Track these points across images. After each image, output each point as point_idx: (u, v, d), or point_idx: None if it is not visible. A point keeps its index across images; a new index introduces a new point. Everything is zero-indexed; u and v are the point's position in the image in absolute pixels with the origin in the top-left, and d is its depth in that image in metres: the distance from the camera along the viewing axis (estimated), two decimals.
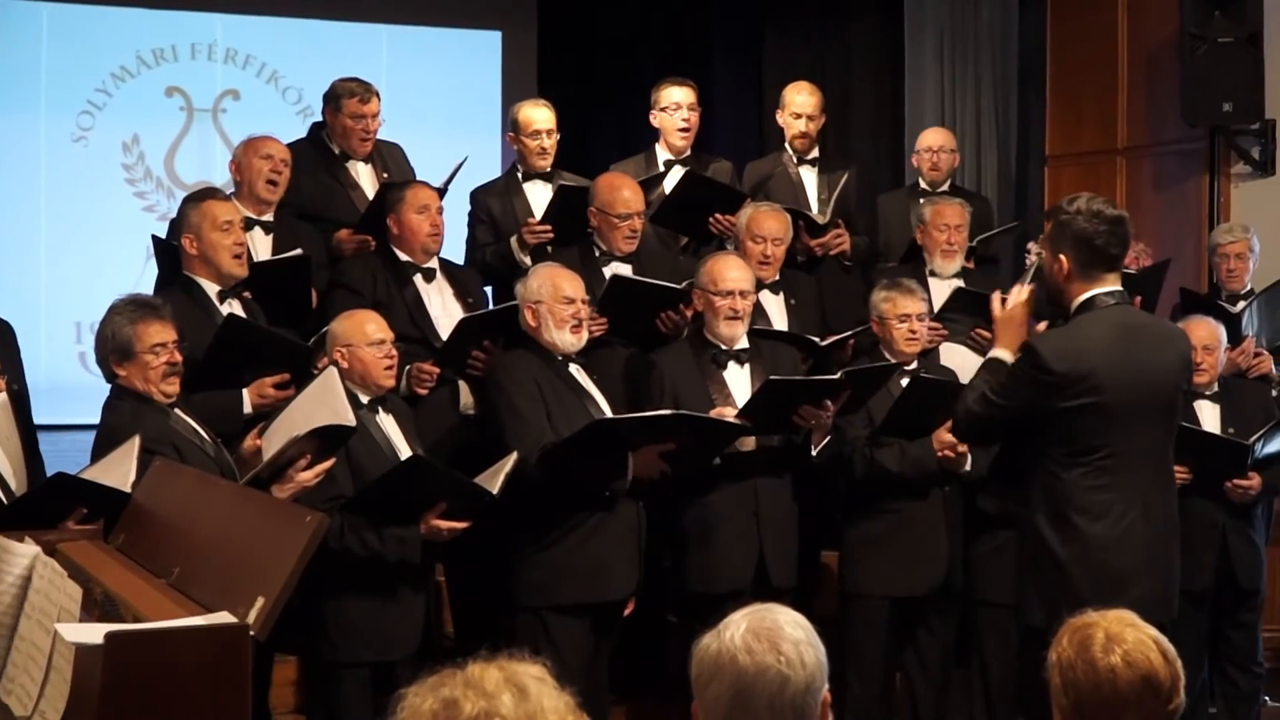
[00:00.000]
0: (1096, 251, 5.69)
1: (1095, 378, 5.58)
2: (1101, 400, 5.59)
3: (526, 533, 6.62)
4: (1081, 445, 5.65)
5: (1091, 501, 5.65)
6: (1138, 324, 5.83)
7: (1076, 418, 5.61)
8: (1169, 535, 5.85)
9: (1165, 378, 5.78)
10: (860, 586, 7.34)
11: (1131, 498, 5.68)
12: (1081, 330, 5.67)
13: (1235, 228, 8.79)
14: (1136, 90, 10.98)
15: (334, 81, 8.19)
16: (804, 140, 8.87)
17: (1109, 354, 5.62)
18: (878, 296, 7.44)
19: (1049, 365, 5.58)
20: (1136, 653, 3.49)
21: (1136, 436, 5.69)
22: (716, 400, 6.96)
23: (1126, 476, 5.67)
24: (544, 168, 8.27)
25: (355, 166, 8.18)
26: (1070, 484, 5.67)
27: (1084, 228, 5.67)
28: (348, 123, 8.10)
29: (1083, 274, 5.71)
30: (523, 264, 7.87)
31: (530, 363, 6.67)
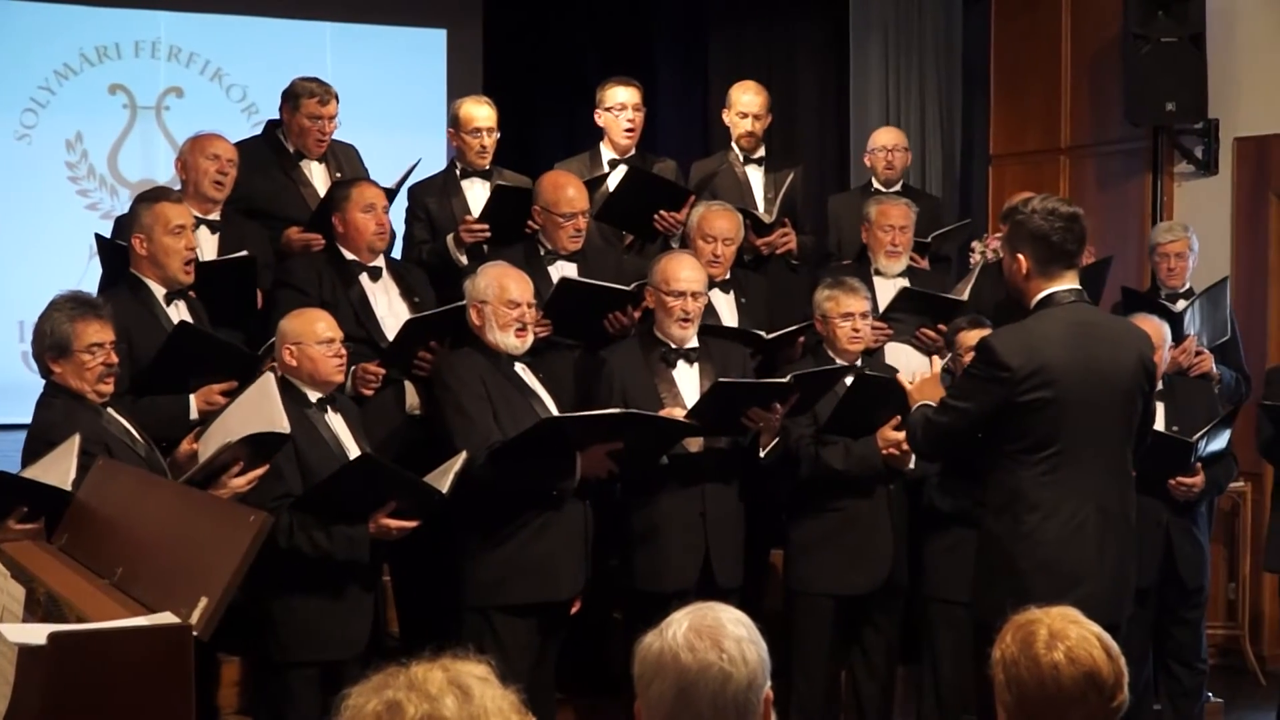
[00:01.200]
0: (1054, 248, 5.72)
1: (1048, 373, 5.61)
2: (1054, 396, 5.61)
3: (473, 532, 6.62)
4: (1034, 441, 5.67)
5: (1043, 498, 5.67)
6: (1095, 322, 5.85)
7: (1029, 414, 5.63)
8: (1124, 537, 5.85)
9: (1122, 376, 5.78)
10: (806, 584, 7.35)
11: (1084, 496, 5.70)
12: (1036, 326, 5.70)
13: (1175, 227, 8.81)
14: (1080, 90, 11.03)
15: (294, 80, 8.16)
16: (750, 139, 8.88)
17: (1063, 350, 5.64)
18: (821, 295, 7.45)
19: (1004, 360, 5.61)
20: (1079, 649, 3.50)
21: (1091, 434, 5.71)
22: (665, 399, 6.97)
23: (1079, 474, 5.69)
24: (483, 166, 8.27)
25: (309, 166, 8.15)
26: (1023, 480, 5.69)
27: (1041, 225, 5.70)
28: (305, 122, 8.07)
29: (1041, 271, 5.74)
30: (459, 262, 7.87)
31: (477, 362, 6.66)
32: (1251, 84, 10.05)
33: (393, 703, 2.55)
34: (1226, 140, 10.17)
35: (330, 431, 6.38)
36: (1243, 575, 9.89)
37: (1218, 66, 9.92)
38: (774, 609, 7.59)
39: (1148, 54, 9.83)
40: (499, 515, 6.59)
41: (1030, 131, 11.36)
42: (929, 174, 11.61)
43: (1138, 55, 9.87)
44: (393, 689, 2.57)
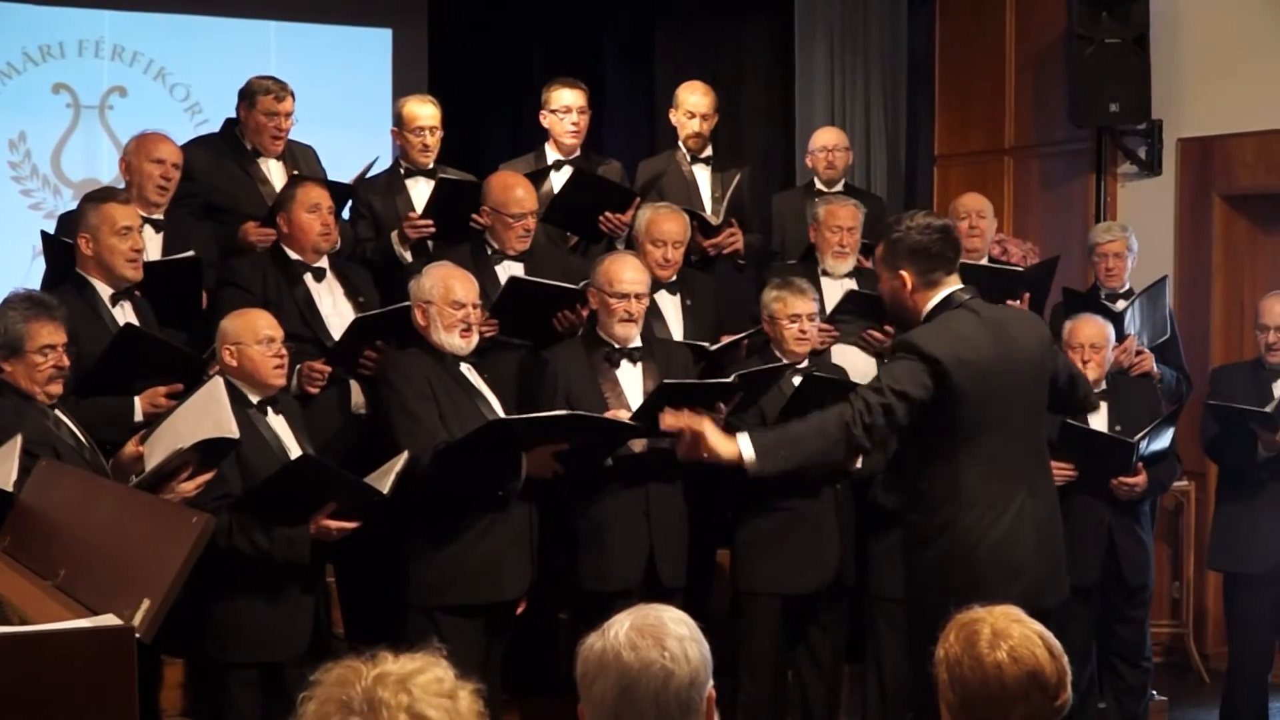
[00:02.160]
0: (935, 258, 5.80)
1: (974, 367, 5.65)
2: (982, 389, 5.66)
3: (419, 532, 6.61)
4: (967, 435, 5.71)
5: (982, 492, 5.70)
6: (1000, 316, 5.93)
7: (960, 408, 5.67)
8: (1054, 515, 5.96)
9: (1034, 362, 5.89)
10: (752, 584, 7.36)
11: (1018, 484, 5.76)
12: (950, 323, 5.74)
13: (1113, 227, 8.83)
14: (1024, 91, 11.07)
15: (250, 78, 8.16)
16: (698, 140, 8.90)
17: (983, 344, 5.70)
18: (769, 296, 7.47)
19: (931, 353, 5.64)
20: (1022, 648, 3.51)
21: (1016, 423, 5.78)
22: (609, 399, 6.97)
23: (1013, 463, 5.76)
24: (427, 164, 8.28)
25: (267, 164, 8.17)
26: (959, 475, 5.72)
27: (919, 239, 5.79)
28: (261, 120, 8.07)
29: (926, 282, 5.80)
30: (403, 259, 7.89)
31: (422, 362, 6.66)
32: (1195, 85, 10.10)
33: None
34: (1170, 141, 10.22)
35: (271, 432, 6.36)
36: (1187, 574, 9.96)
37: (1161, 68, 9.97)
38: (720, 608, 7.60)
39: (1092, 55, 9.87)
40: (445, 516, 6.58)
41: (975, 132, 11.39)
42: (874, 174, 11.63)
43: (1082, 56, 9.91)
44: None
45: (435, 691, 2.58)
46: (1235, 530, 8.01)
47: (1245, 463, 7.88)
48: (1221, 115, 9.96)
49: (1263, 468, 7.85)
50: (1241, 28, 9.88)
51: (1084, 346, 7.69)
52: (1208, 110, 10.03)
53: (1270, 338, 7.95)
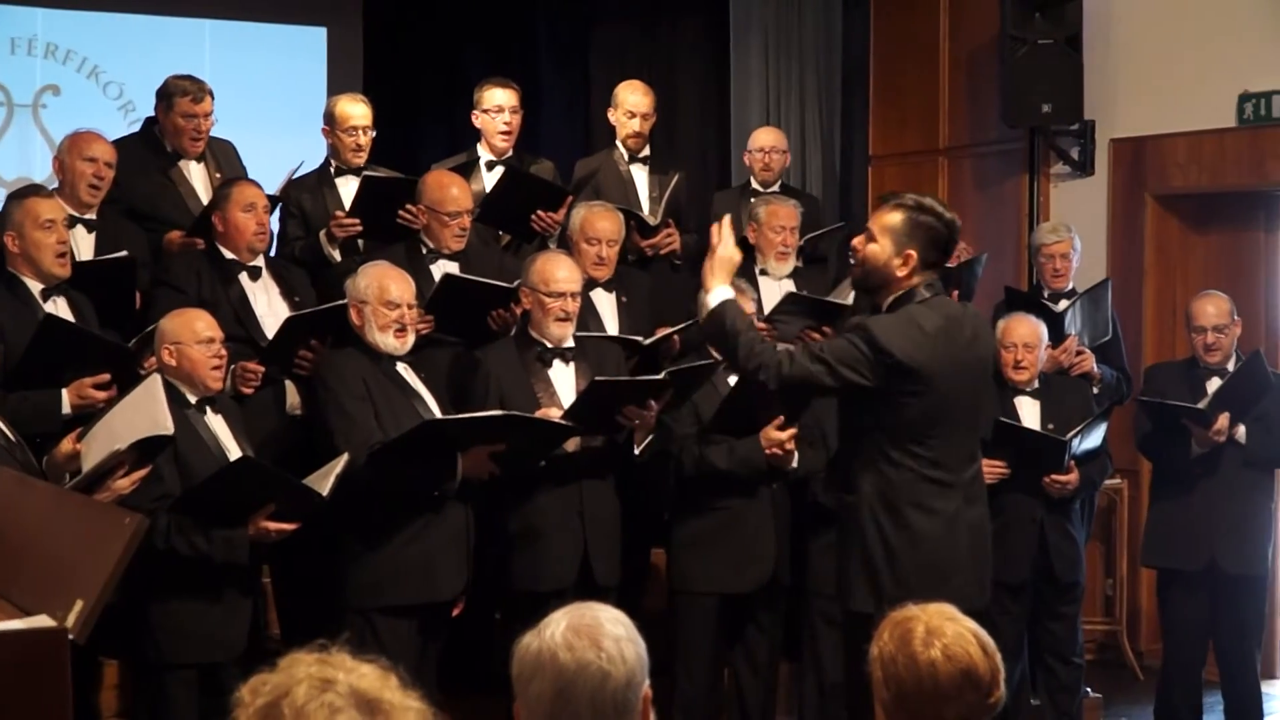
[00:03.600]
0: (943, 253, 5.84)
1: (928, 368, 5.66)
2: (931, 390, 5.68)
3: (354, 533, 6.59)
4: (910, 435, 5.73)
5: (923, 493, 5.73)
6: (957, 315, 5.91)
7: (910, 408, 5.69)
8: (985, 519, 5.98)
9: (983, 366, 5.97)
10: (689, 584, 7.37)
11: (955, 486, 5.79)
12: (915, 320, 5.73)
13: (1059, 227, 8.87)
14: (958, 91, 11.11)
15: (167, 79, 8.11)
16: (637, 139, 8.91)
17: (940, 345, 5.71)
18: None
19: (887, 348, 5.64)
20: (956, 646, 3.52)
21: (960, 425, 5.81)
22: (542, 399, 6.96)
23: (951, 466, 5.78)
24: (359, 164, 8.27)
25: (187, 165, 8.11)
26: (898, 474, 5.74)
27: (940, 231, 5.77)
28: (180, 121, 8.02)
29: (923, 271, 5.80)
30: (331, 258, 7.87)
31: (357, 361, 6.64)
32: (1127, 86, 10.16)
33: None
34: (1102, 142, 10.28)
35: (210, 432, 6.33)
36: (1120, 572, 10.02)
37: (1094, 68, 10.02)
38: (655, 608, 7.60)
39: (1024, 55, 9.91)
40: (379, 517, 6.56)
41: (909, 132, 11.42)
42: (809, 174, 11.66)
43: (1014, 57, 9.95)
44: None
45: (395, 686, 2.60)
46: (1169, 527, 8.05)
47: (1179, 459, 7.92)
48: (1154, 116, 10.02)
49: (1196, 464, 7.89)
50: (1174, 29, 9.94)
51: (1017, 345, 7.74)
52: (1140, 111, 10.09)
53: (1208, 339, 7.98)
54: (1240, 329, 8.08)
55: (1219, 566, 7.90)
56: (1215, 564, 7.90)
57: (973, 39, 10.92)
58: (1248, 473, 7.94)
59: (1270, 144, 9.46)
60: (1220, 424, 7.73)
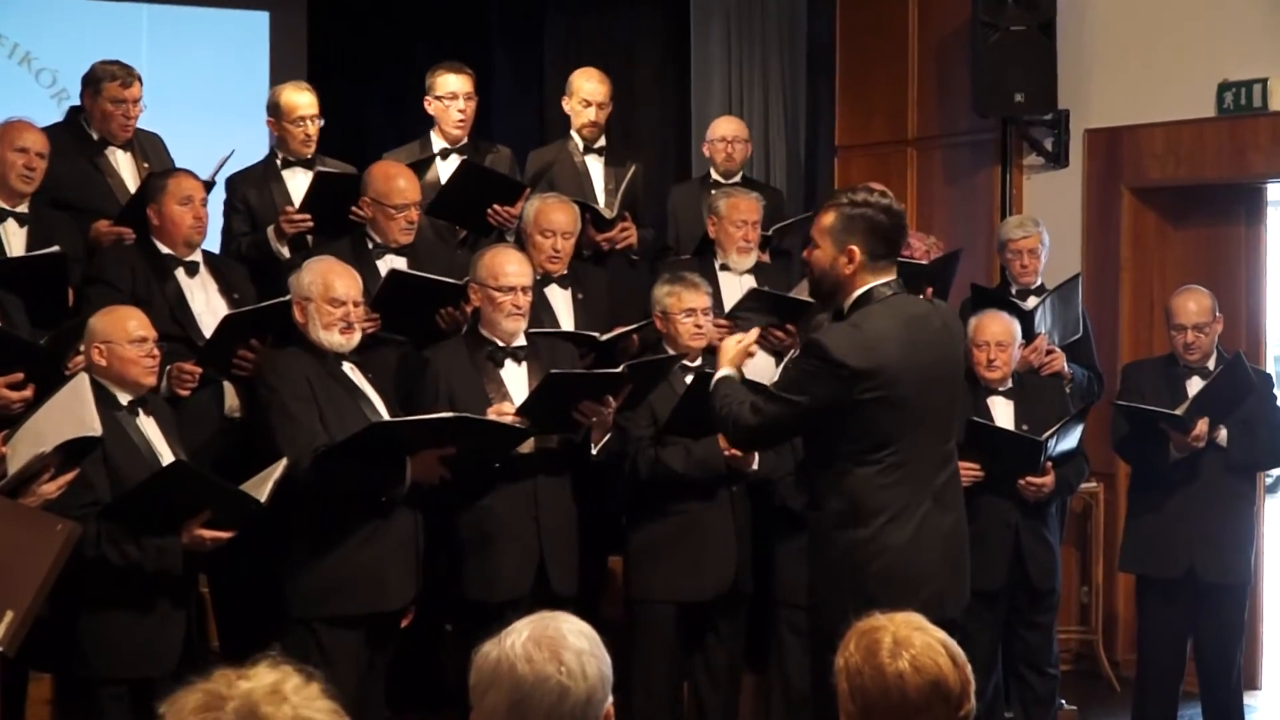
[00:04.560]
0: (889, 243, 5.77)
1: (887, 372, 5.63)
2: (893, 395, 5.65)
3: (298, 541, 6.56)
4: (875, 442, 5.70)
5: (886, 500, 5.70)
6: (921, 314, 5.89)
7: (869, 414, 5.66)
8: (961, 525, 5.96)
9: (952, 367, 5.94)
10: (646, 592, 7.37)
11: (923, 493, 5.76)
12: (868, 323, 5.70)
13: (1026, 222, 8.88)
14: (927, 80, 11.11)
15: (94, 64, 8.07)
16: (593, 129, 8.91)
17: (898, 348, 5.67)
18: (660, 291, 7.46)
19: (839, 359, 5.61)
20: (924, 657, 3.51)
21: (927, 430, 5.78)
22: (494, 399, 6.93)
23: (919, 471, 5.75)
24: (307, 154, 8.25)
25: (114, 154, 8.06)
26: (864, 482, 5.71)
27: (878, 219, 5.72)
28: (107, 107, 7.98)
29: (871, 266, 5.76)
30: (280, 255, 7.84)
31: (301, 361, 6.60)
32: (1102, 74, 10.18)
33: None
34: (1077, 132, 10.29)
35: (142, 436, 6.29)
36: (1096, 578, 10.03)
37: (1068, 56, 10.03)
38: (613, 617, 7.60)
39: (996, 43, 9.91)
40: (325, 523, 6.53)
41: (876, 122, 11.43)
42: (773, 166, 11.67)
43: (986, 44, 9.95)
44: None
45: (316, 696, 2.57)
46: (1147, 532, 8.04)
47: (1157, 463, 7.92)
48: (1130, 105, 10.03)
49: (1175, 468, 7.88)
50: (1150, 15, 9.96)
51: (989, 344, 7.74)
52: (1116, 100, 10.11)
53: (1188, 337, 7.96)
54: (1221, 326, 8.07)
55: (1198, 574, 7.89)
56: (1194, 571, 7.89)
57: (943, 25, 10.93)
58: (1229, 477, 7.93)
59: (1251, 134, 9.47)
60: (1199, 430, 7.72)
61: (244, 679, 2.57)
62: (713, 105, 11.55)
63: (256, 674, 2.58)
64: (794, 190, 11.53)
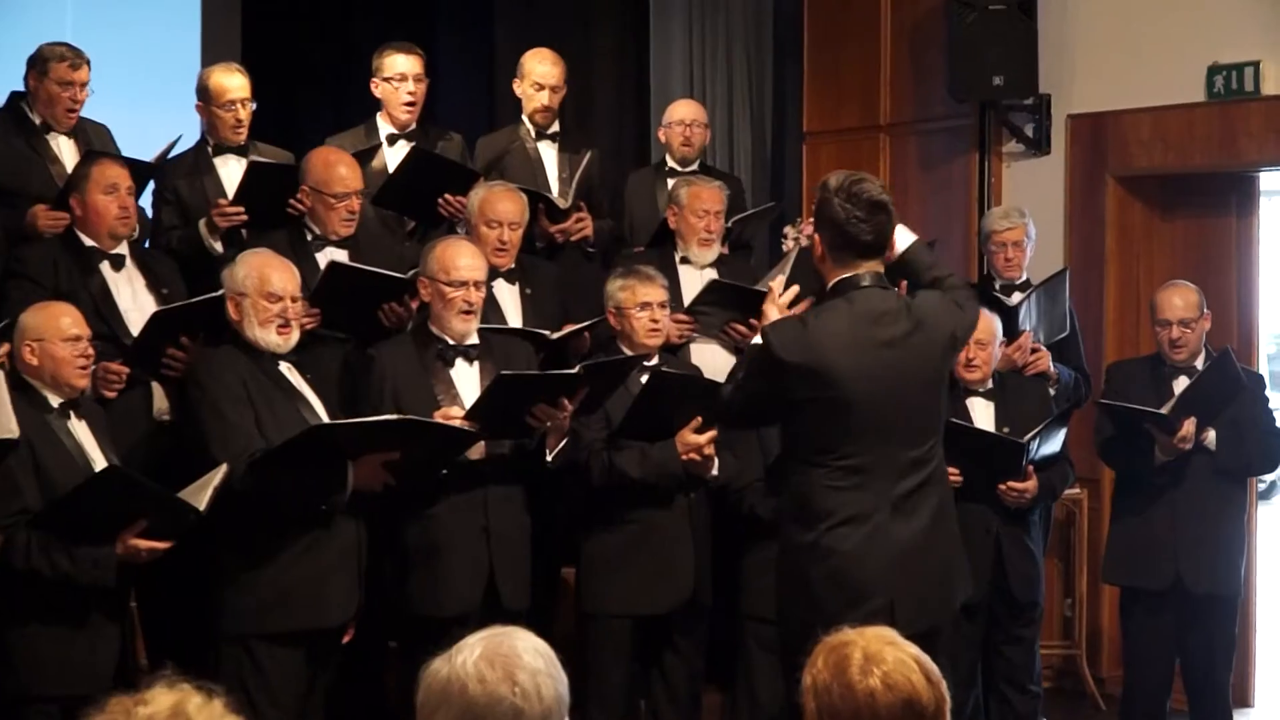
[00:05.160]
0: (847, 237, 5.76)
1: (828, 374, 5.65)
2: (838, 396, 5.66)
3: (232, 552, 6.55)
4: (822, 444, 5.73)
5: (833, 503, 5.73)
6: (886, 310, 5.83)
7: (813, 413, 5.70)
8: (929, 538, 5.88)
9: (921, 366, 5.85)
10: (600, 605, 7.38)
11: (880, 499, 5.75)
12: (816, 323, 5.74)
13: (1011, 212, 8.85)
14: (901, 62, 11.11)
15: (41, 45, 8.04)
16: (546, 114, 8.90)
17: (846, 347, 5.69)
18: (614, 285, 7.46)
19: (777, 354, 5.68)
20: (897, 674, 3.51)
21: (886, 434, 5.77)
22: (442, 401, 6.93)
23: (875, 477, 5.75)
24: (238, 141, 8.23)
25: (57, 140, 8.03)
26: (813, 485, 5.75)
27: (837, 211, 5.74)
28: (54, 89, 7.94)
29: (835, 259, 5.81)
30: (213, 249, 7.82)
31: (236, 361, 6.60)
32: (1086, 57, 10.20)
33: None
34: (1059, 117, 10.31)
35: (73, 440, 6.30)
36: (1079, 590, 10.04)
37: (1050, 37, 10.05)
38: (566, 632, 7.60)
39: (974, 23, 9.93)
40: (261, 533, 6.52)
41: (847, 107, 11.43)
42: (736, 153, 11.67)
43: (963, 25, 9.97)
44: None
45: (221, 713, 2.58)
46: (1132, 541, 8.06)
47: (1142, 467, 7.94)
48: (1115, 90, 10.06)
49: (1161, 473, 7.90)
50: None
51: (969, 342, 7.73)
52: (1100, 84, 10.13)
53: (1173, 333, 7.98)
54: (1209, 323, 8.09)
55: (1186, 585, 7.92)
56: (1182, 582, 7.92)
57: (917, 5, 10.94)
58: (1218, 483, 7.95)
59: (1242, 120, 9.51)
60: (1186, 431, 7.74)
61: (142, 704, 2.57)
62: (673, 88, 11.54)
63: (154, 697, 2.59)
64: (758, 179, 11.54)
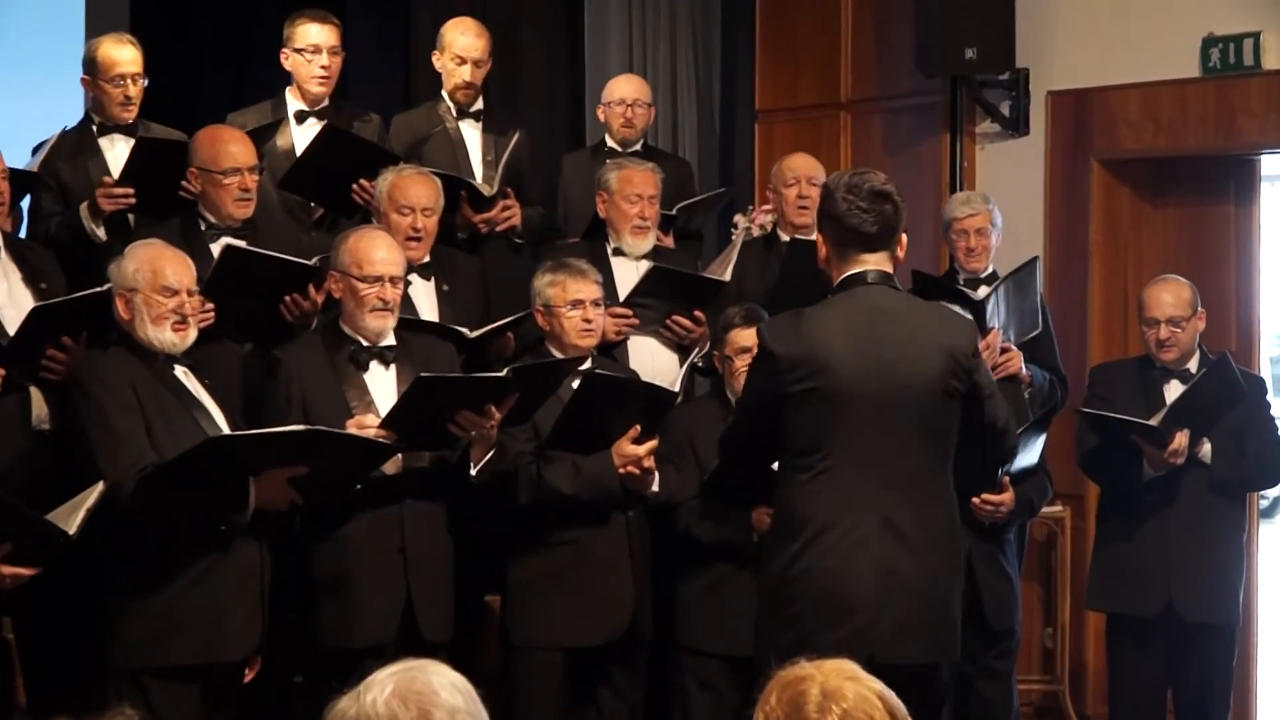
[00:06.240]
0: (849, 231, 5.90)
1: (816, 362, 5.73)
2: (825, 388, 5.73)
3: (121, 578, 6.53)
4: (805, 444, 5.79)
5: (815, 512, 5.76)
6: (890, 309, 5.94)
7: (798, 409, 5.76)
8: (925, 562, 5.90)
9: (918, 373, 5.88)
10: (528, 637, 7.39)
11: (866, 508, 5.79)
12: (816, 312, 5.88)
13: (973, 198, 8.85)
14: (864, 34, 11.15)
15: None
16: (468, 91, 8.90)
17: (840, 338, 5.78)
18: (541, 281, 7.46)
19: (769, 348, 5.80)
20: (858, 712, 3.48)
21: (876, 438, 5.81)
22: (356, 408, 6.92)
23: (857, 484, 5.79)
24: (127, 120, 8.23)
25: None
26: (795, 492, 5.82)
27: (839, 205, 5.90)
28: None
29: (839, 255, 5.94)
30: (95, 236, 7.83)
31: (125, 364, 6.57)
32: (1068, 28, 10.24)
33: None
34: (1038, 94, 10.35)
35: None
36: (1062, 618, 10.07)
37: (1028, 6, 10.10)
38: (490, 666, 7.60)
39: None
40: (153, 556, 6.50)
41: (804, 83, 11.47)
42: (681, 133, 11.70)
43: None
44: None
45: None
46: (1120, 564, 8.09)
47: (1130, 481, 7.97)
48: (1100, 64, 10.10)
49: (1151, 488, 7.94)
50: None
51: None
52: (1084, 58, 10.17)
53: (1161, 333, 8.01)
54: (1204, 322, 8.12)
55: (1178, 612, 7.96)
56: (1174, 609, 7.96)
57: None
58: (1213, 499, 8.00)
59: (1240, 98, 9.55)
60: (1178, 443, 7.78)
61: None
62: (610, 62, 11.56)
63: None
64: (707, 162, 11.57)
